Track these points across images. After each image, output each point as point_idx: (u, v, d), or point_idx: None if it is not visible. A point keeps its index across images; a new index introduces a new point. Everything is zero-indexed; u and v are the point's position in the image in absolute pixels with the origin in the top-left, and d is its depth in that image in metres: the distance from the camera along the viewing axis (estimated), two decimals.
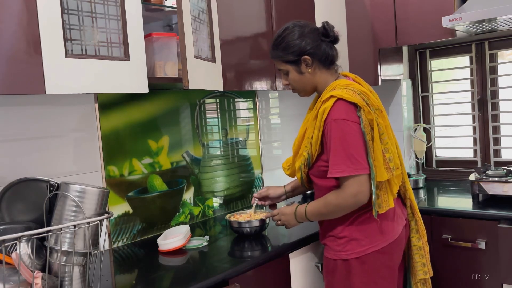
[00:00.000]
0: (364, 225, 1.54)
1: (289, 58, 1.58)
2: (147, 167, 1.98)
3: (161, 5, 1.75)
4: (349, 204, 1.48)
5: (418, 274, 1.67)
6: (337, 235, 1.57)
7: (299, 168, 1.61)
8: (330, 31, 1.58)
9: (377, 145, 1.46)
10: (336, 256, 1.57)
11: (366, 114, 1.46)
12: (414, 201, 1.69)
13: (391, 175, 1.49)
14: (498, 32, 2.51)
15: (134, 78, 1.47)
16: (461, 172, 2.72)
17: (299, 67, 1.58)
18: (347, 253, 1.54)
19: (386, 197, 1.53)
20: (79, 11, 1.32)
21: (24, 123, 1.62)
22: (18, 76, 1.22)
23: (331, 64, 1.61)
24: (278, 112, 2.68)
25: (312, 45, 1.55)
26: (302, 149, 1.60)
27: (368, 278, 1.54)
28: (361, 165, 1.45)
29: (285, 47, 1.57)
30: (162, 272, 1.55)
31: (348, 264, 1.54)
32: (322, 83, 1.60)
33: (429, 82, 2.86)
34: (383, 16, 2.45)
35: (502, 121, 2.62)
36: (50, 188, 1.35)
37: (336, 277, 1.58)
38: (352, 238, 1.54)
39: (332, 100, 1.48)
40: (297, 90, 1.66)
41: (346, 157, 1.44)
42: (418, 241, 1.68)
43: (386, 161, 1.48)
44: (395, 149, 1.55)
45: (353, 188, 1.46)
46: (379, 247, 1.54)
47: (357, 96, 1.47)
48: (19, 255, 1.17)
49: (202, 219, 2.19)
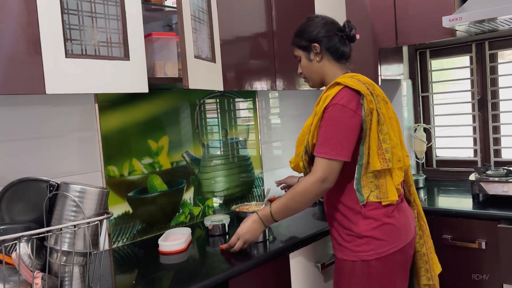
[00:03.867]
0: (387, 225, 1.52)
1: (302, 43, 1.64)
2: (147, 167, 1.98)
3: (161, 5, 1.75)
4: (315, 189, 1.48)
5: (422, 280, 1.68)
6: (359, 235, 1.52)
7: (301, 156, 1.62)
8: (348, 28, 1.62)
9: (373, 134, 1.47)
10: (355, 257, 1.52)
11: (368, 102, 1.47)
12: (420, 206, 1.69)
13: (386, 166, 1.48)
14: (498, 32, 2.51)
15: (134, 78, 1.47)
16: (461, 172, 2.72)
17: (309, 54, 1.64)
18: (369, 254, 1.50)
19: (387, 189, 1.51)
20: (79, 11, 1.32)
21: (24, 123, 1.62)
22: (18, 76, 1.22)
23: (341, 58, 1.64)
24: (278, 112, 2.68)
25: (325, 35, 1.60)
26: (304, 138, 1.61)
27: (388, 278, 1.52)
28: (343, 151, 1.46)
29: (300, 33, 1.65)
30: (162, 272, 1.55)
31: (368, 265, 1.51)
32: (330, 75, 1.63)
33: (429, 82, 2.86)
34: (383, 16, 2.45)
35: (502, 121, 2.62)
36: (50, 188, 1.35)
37: (353, 279, 1.53)
38: (374, 238, 1.51)
39: (337, 88, 1.50)
40: (306, 78, 1.70)
41: (333, 140, 1.46)
42: (421, 247, 1.67)
43: (382, 151, 1.48)
44: (398, 142, 1.54)
45: (322, 172, 1.46)
46: (398, 247, 1.52)
47: (362, 85, 1.49)
48: (19, 255, 1.17)
49: (202, 219, 2.19)
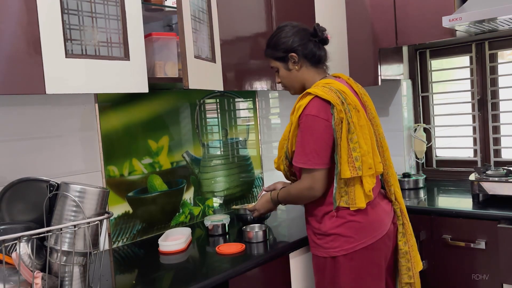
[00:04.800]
0: (352, 222, 1.56)
1: (278, 55, 1.66)
2: (147, 167, 1.98)
3: (161, 5, 1.75)
4: (304, 195, 1.59)
5: (403, 278, 1.69)
6: (326, 233, 1.58)
7: (282, 160, 1.69)
8: (319, 32, 1.64)
9: (343, 143, 1.50)
10: (325, 254, 1.59)
11: (338, 112, 1.50)
12: (403, 204, 1.71)
13: (355, 174, 1.50)
14: (498, 32, 2.51)
15: (134, 78, 1.47)
16: (461, 172, 2.72)
17: (287, 64, 1.66)
18: (336, 250, 1.56)
19: (355, 196, 1.54)
20: (79, 11, 1.32)
21: (24, 123, 1.62)
22: (18, 76, 1.22)
23: (318, 63, 1.67)
24: (278, 112, 2.68)
25: (299, 43, 1.63)
26: (284, 143, 1.67)
27: (356, 274, 1.56)
28: (320, 160, 1.52)
29: (274, 45, 1.66)
30: (162, 272, 1.55)
31: (336, 261, 1.56)
32: (309, 81, 1.66)
33: (429, 82, 2.86)
34: (383, 16, 2.45)
35: (502, 121, 2.62)
36: (50, 188, 1.35)
37: (325, 275, 1.59)
38: (341, 235, 1.56)
39: (308, 98, 1.55)
40: (287, 87, 1.73)
41: (307, 150, 1.52)
42: (404, 245, 1.68)
43: (352, 159, 1.50)
44: (369, 150, 1.54)
45: (307, 181, 1.55)
46: (366, 244, 1.56)
47: (333, 95, 1.51)
48: (19, 255, 1.17)
49: (202, 219, 2.19)
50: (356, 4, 2.52)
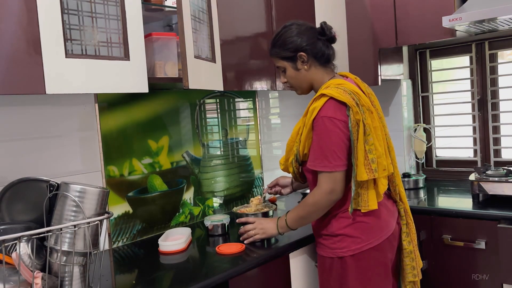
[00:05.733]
0: (359, 222, 1.55)
1: (286, 54, 1.62)
2: (147, 167, 1.98)
3: (161, 5, 1.75)
4: (324, 201, 1.53)
5: (407, 277, 1.69)
6: (333, 233, 1.58)
7: (290, 163, 1.66)
8: (327, 30, 1.61)
9: (360, 145, 1.49)
10: (332, 254, 1.58)
11: (354, 114, 1.48)
12: (407, 203, 1.70)
13: (372, 176, 1.49)
14: (498, 32, 2.51)
15: (134, 78, 1.47)
16: (461, 172, 2.72)
17: (295, 63, 1.62)
18: (343, 251, 1.56)
19: (368, 197, 1.53)
20: (79, 11, 1.32)
21: (24, 123, 1.62)
22: (18, 76, 1.22)
23: (327, 62, 1.65)
24: (278, 112, 2.68)
25: (308, 42, 1.59)
26: (294, 145, 1.64)
27: (363, 275, 1.56)
28: (340, 161, 1.49)
29: (282, 44, 1.62)
30: (162, 272, 1.55)
31: (343, 262, 1.56)
32: (318, 81, 1.64)
33: (429, 82, 2.86)
34: (383, 16, 2.45)
35: (502, 121, 2.62)
36: (50, 188, 1.34)
37: (332, 275, 1.59)
38: (348, 235, 1.56)
39: (323, 99, 1.51)
40: (294, 87, 1.70)
41: (326, 153, 1.49)
42: (408, 244, 1.68)
43: (368, 161, 1.49)
44: (383, 151, 1.54)
45: (328, 185, 1.51)
46: (373, 244, 1.55)
47: (348, 96, 1.50)
48: (19, 255, 1.17)
49: (202, 219, 2.19)
50: (356, 4, 2.52)
